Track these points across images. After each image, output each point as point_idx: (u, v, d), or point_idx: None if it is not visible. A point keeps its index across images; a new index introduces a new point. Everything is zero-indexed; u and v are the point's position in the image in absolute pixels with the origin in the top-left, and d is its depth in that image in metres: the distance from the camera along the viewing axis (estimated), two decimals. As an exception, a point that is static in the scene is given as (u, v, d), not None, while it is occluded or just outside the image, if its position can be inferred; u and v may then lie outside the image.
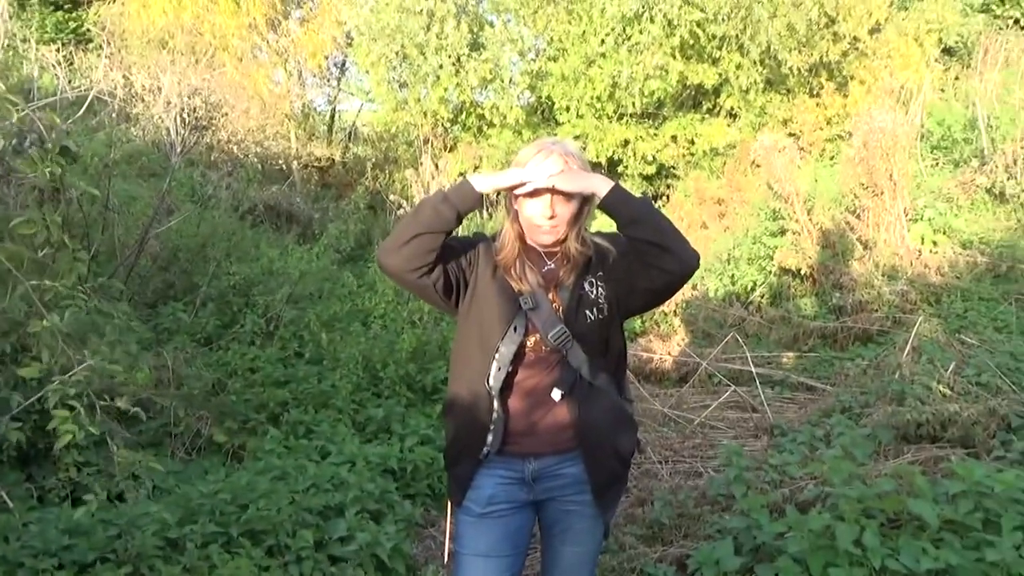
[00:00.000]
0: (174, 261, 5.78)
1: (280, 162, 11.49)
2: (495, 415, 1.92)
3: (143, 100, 8.76)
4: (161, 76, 8.66)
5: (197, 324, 5.09)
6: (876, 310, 6.56)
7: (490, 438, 1.94)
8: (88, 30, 12.73)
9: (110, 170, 5.03)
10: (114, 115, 8.30)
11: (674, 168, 11.21)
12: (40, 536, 2.60)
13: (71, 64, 9.96)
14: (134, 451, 3.27)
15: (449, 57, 10.64)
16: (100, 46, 10.97)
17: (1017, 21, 12.47)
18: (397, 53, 10.89)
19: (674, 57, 9.86)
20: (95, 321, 2.74)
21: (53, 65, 9.13)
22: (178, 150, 6.90)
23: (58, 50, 9.47)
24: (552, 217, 1.90)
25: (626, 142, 10.78)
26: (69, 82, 9.11)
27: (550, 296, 1.96)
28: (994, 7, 12.83)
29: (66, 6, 14.44)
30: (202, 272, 5.68)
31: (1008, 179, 7.74)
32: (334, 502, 3.25)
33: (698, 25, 9.67)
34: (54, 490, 3.10)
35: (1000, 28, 11.51)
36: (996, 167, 7.83)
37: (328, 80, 14.39)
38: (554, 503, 2.02)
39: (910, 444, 3.99)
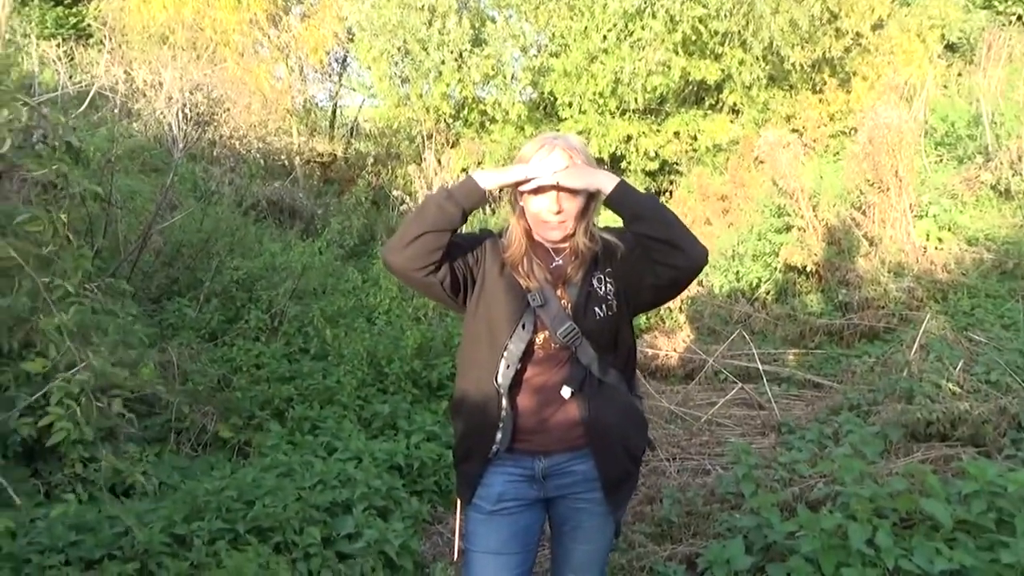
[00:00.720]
0: (178, 256, 5.75)
1: (282, 157, 11.48)
2: (504, 413, 1.90)
3: (144, 95, 8.76)
4: (162, 71, 8.66)
5: (201, 320, 5.07)
6: (882, 307, 6.53)
7: (499, 436, 1.91)
8: (88, 25, 12.71)
9: (112, 165, 5.01)
10: (116, 110, 8.30)
11: (677, 164, 11.19)
12: (47, 532, 2.58)
13: (72, 60, 9.94)
14: (139, 447, 3.27)
15: (451, 53, 10.61)
16: (101, 41, 10.96)
17: (1020, 17, 12.41)
18: (399, 49, 10.88)
19: (676, 53, 9.83)
20: (100, 320, 2.72)
21: (54, 60, 9.11)
22: (180, 145, 6.90)
23: (58, 45, 9.45)
24: (559, 212, 1.87)
25: (629, 138, 10.77)
26: (70, 78, 9.09)
27: (558, 293, 1.93)
28: (996, 3, 12.79)
29: (66, 1, 14.41)
30: (205, 268, 5.66)
31: (1013, 175, 7.71)
32: (341, 499, 3.23)
33: (700, 21, 9.64)
34: (60, 486, 3.08)
35: (1003, 24, 11.47)
36: (1001, 164, 7.80)
37: (329, 75, 14.38)
38: (564, 501, 1.99)
39: (920, 443, 3.96)
